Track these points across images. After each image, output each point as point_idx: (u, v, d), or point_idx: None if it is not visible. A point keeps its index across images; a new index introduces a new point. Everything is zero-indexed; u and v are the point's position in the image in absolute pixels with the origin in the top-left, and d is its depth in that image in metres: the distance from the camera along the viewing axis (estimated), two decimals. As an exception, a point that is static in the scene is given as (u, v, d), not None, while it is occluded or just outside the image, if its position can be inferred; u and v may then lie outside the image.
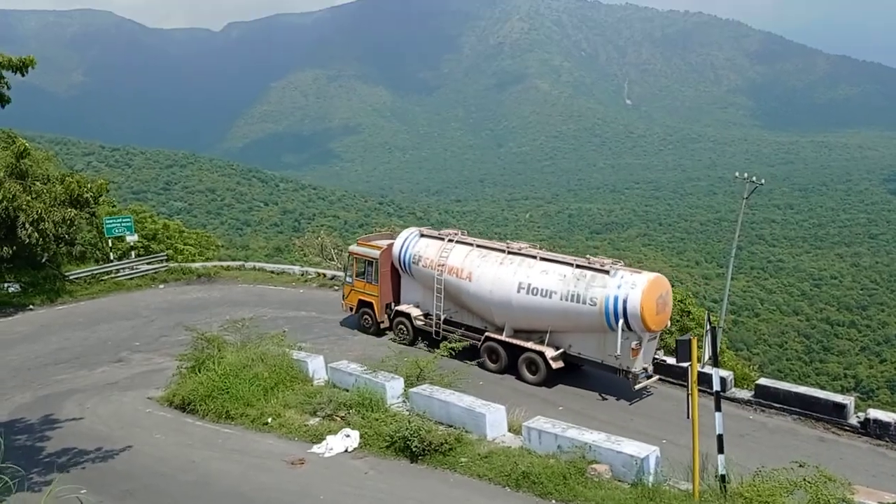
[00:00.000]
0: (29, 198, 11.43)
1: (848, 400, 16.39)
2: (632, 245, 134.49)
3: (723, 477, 11.22)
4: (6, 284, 28.79)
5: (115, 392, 18.44)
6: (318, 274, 31.91)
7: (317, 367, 17.88)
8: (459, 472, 12.91)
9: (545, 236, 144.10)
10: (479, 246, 21.36)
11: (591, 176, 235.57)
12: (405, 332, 22.65)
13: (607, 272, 18.40)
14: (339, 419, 15.17)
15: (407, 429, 13.61)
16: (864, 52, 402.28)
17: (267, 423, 15.38)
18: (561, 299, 18.67)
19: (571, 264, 19.23)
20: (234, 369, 16.51)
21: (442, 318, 21.70)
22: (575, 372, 19.55)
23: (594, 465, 12.16)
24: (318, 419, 15.36)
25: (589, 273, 18.69)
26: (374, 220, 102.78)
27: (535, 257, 20.03)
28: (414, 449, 13.38)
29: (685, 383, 11.79)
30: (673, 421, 15.32)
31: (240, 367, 16.61)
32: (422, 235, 22.50)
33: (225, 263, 35.33)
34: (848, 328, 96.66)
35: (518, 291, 19.48)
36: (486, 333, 20.56)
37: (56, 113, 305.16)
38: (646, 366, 18.69)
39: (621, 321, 17.72)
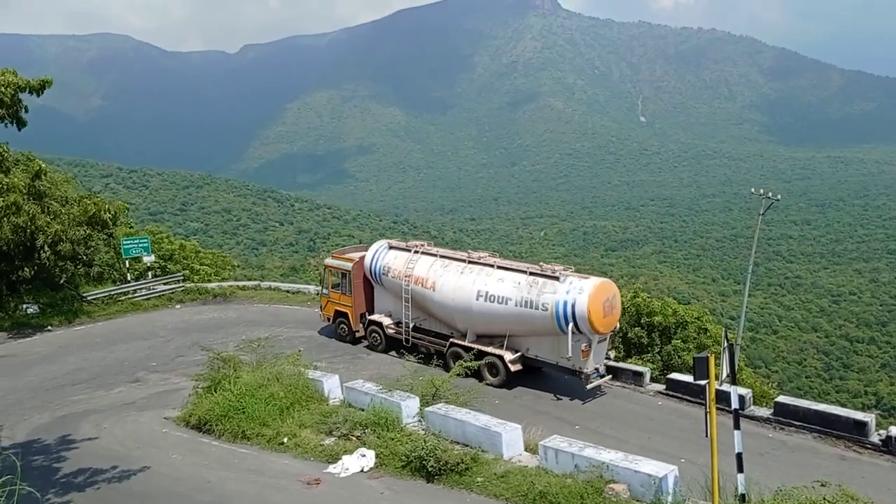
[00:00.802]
0: (48, 219, 11.58)
1: (869, 417, 16.14)
2: (647, 262, 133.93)
3: (743, 496, 11.06)
4: (25, 306, 29.08)
5: (132, 412, 18.51)
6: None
7: (332, 386, 17.87)
8: (476, 492, 12.82)
9: (560, 254, 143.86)
10: (442, 256, 22.48)
11: (606, 193, 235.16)
12: (378, 341, 23.74)
13: (557, 278, 19.44)
14: (354, 439, 15.13)
15: (423, 448, 13.54)
16: (878, 66, 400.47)
17: (283, 443, 15.37)
18: (516, 305, 19.76)
19: (525, 272, 20.24)
20: (250, 389, 16.54)
21: (411, 325, 22.72)
22: (535, 374, 20.48)
23: (612, 485, 12.03)
24: (333, 439, 15.32)
25: (541, 280, 19.68)
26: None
27: (492, 266, 21.08)
28: (430, 469, 13.31)
29: (702, 401, 11.67)
30: (691, 439, 15.15)
31: (256, 386, 16.63)
32: (390, 247, 23.62)
33: (241, 283, 35.51)
34: (868, 345, 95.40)
35: (477, 299, 20.58)
36: (451, 339, 21.60)
37: (75, 136, 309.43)
38: (597, 366, 19.70)
39: (571, 325, 18.71)
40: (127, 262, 33.25)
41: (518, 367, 20.14)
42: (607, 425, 17.21)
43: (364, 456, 14.24)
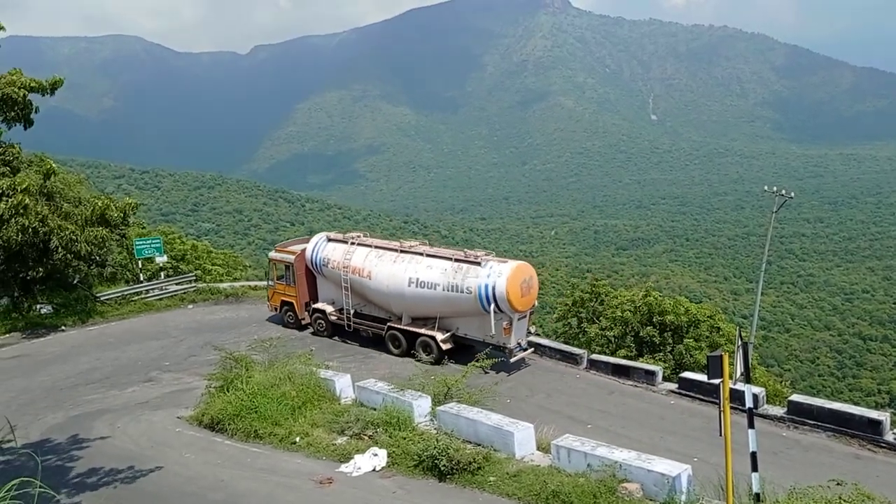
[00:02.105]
0: (60, 220, 11.62)
1: (883, 416, 16.00)
2: (658, 261, 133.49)
3: (757, 496, 10.98)
4: (38, 306, 29.23)
5: (146, 411, 18.59)
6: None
7: (344, 385, 17.89)
8: (488, 491, 12.79)
9: (571, 253, 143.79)
10: (376, 247, 24.09)
11: (617, 192, 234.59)
12: (323, 327, 25.35)
13: (479, 263, 21.28)
14: (366, 438, 15.13)
15: (435, 447, 13.52)
16: (891, 63, 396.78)
17: (295, 443, 15.39)
18: (444, 290, 21.62)
19: (451, 259, 22.10)
20: (262, 388, 16.58)
21: (351, 312, 24.36)
22: (467, 351, 21.93)
23: (625, 484, 11.97)
24: (345, 438, 15.33)
25: (465, 265, 21.55)
26: (400, 239, 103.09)
27: (422, 254, 22.86)
28: (442, 468, 13.29)
29: (715, 400, 11.60)
30: (704, 438, 15.07)
31: (268, 386, 16.67)
32: (329, 240, 25.02)
33: (252, 283, 35.58)
34: (881, 343, 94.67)
35: (409, 285, 22.33)
36: (389, 323, 23.31)
37: (88, 137, 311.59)
38: (519, 341, 21.78)
39: (492, 305, 20.70)
40: (140, 262, 33.39)
41: (449, 345, 22.04)
42: (619, 424, 17.14)
43: (376, 455, 14.23)
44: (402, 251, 23.34)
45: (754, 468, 11.03)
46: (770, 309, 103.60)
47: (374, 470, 13.93)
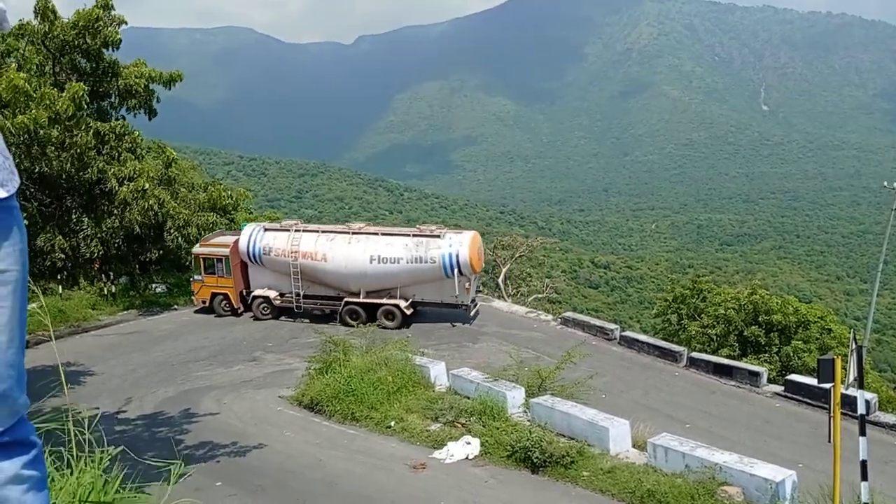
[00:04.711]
0: (175, 204, 12.32)
1: None
2: (766, 258, 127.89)
3: (867, 507, 10.41)
4: (154, 285, 30.95)
5: (250, 390, 19.36)
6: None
7: (438, 373, 18.09)
8: (581, 485, 12.65)
9: (672, 247, 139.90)
10: (324, 231, 25.90)
11: (723, 185, 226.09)
12: (267, 311, 26.70)
13: (439, 236, 24.36)
14: (460, 426, 15.24)
15: (528, 439, 13.47)
16: None
17: (390, 427, 15.67)
18: (407, 263, 24.26)
19: (409, 235, 24.84)
20: (360, 372, 16.96)
21: (301, 294, 25.83)
22: (421, 314, 25.43)
23: (725, 487, 11.59)
24: (439, 425, 15.49)
25: (425, 239, 24.39)
26: (495, 230, 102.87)
27: (377, 234, 25.35)
28: (535, 460, 13.23)
29: (823, 405, 11.06)
30: (809, 444, 14.40)
31: (365, 370, 17.04)
32: (266, 230, 26.21)
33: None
34: None
35: (371, 263, 24.51)
36: (346, 299, 25.31)
37: (200, 125, 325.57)
38: (473, 297, 25.47)
39: (456, 270, 23.85)
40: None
41: (411, 310, 25.01)
42: (720, 425, 16.60)
43: (469, 443, 14.32)
44: (354, 233, 25.36)
45: (864, 477, 10.46)
46: (885, 311, 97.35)
47: (466, 458, 14.02)
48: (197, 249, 26.98)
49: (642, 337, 23.61)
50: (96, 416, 3.43)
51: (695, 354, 21.27)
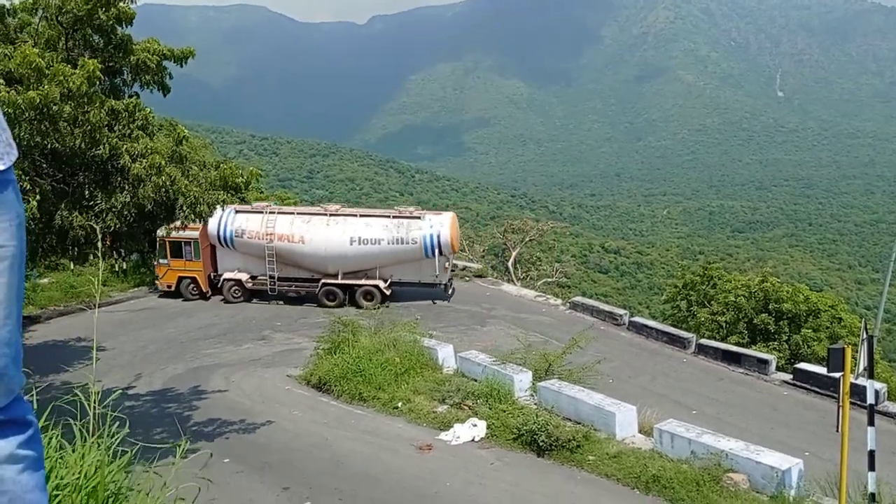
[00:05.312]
0: (186, 181, 12.32)
1: None
2: (777, 245, 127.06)
3: (872, 496, 10.39)
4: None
5: (258, 368, 19.50)
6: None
7: (446, 355, 18.14)
8: (587, 470, 12.69)
9: (683, 233, 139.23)
10: (299, 213, 26.05)
11: (736, 172, 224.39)
12: (239, 294, 26.70)
13: (420, 218, 25.06)
14: (466, 408, 15.30)
15: (534, 423, 13.51)
16: None
17: (397, 408, 15.75)
18: (388, 244, 24.77)
19: (389, 216, 25.42)
20: (368, 353, 17.04)
21: (276, 276, 25.90)
22: (399, 294, 25.76)
23: (730, 474, 11.59)
24: (446, 407, 15.56)
25: (406, 220, 24.98)
26: (506, 213, 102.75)
27: (355, 215, 25.79)
28: (541, 443, 13.27)
29: (832, 394, 11.03)
30: (817, 432, 14.37)
31: (373, 351, 17.12)
32: (237, 212, 25.74)
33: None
34: None
35: (351, 244, 24.81)
36: (323, 280, 25.51)
37: (212, 103, 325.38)
38: (450, 276, 26.29)
39: (437, 250, 24.55)
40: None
41: (390, 290, 25.42)
42: (727, 412, 16.60)
43: (475, 426, 14.37)
44: (331, 214, 25.59)
45: (871, 467, 10.44)
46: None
47: (472, 440, 14.09)
48: (162, 233, 27.10)
49: (651, 323, 23.59)
50: (108, 391, 3.44)
51: (703, 341, 21.24)
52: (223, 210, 26.56)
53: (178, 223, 13.66)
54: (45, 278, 27.36)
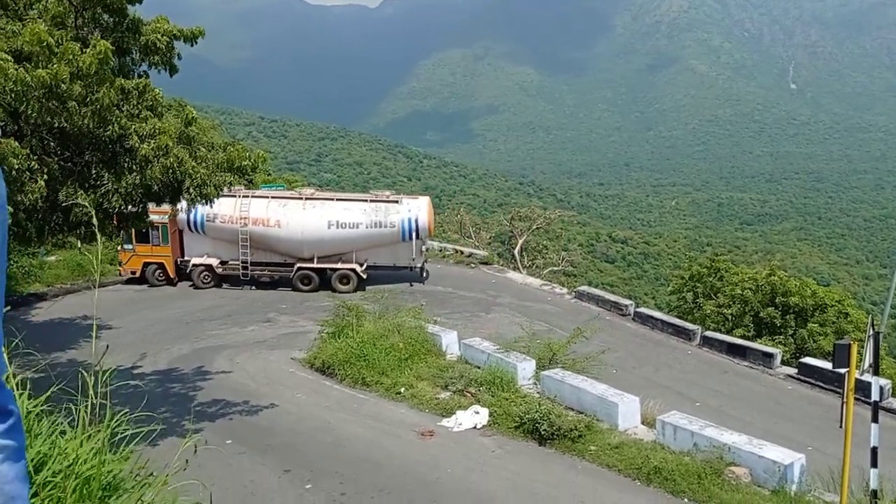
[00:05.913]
0: (194, 163, 12.26)
1: None
2: (786, 239, 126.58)
3: (874, 492, 10.37)
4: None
5: (263, 350, 19.56)
6: (456, 251, 32.30)
7: (450, 342, 18.15)
8: (588, 459, 12.70)
9: (691, 225, 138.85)
10: (274, 197, 25.87)
11: (746, 164, 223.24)
12: (209, 279, 26.40)
13: (397, 202, 25.40)
14: (469, 395, 15.32)
15: (537, 411, 13.52)
16: None
17: (400, 393, 15.78)
18: (366, 227, 24.95)
19: (367, 200, 25.60)
20: (372, 338, 17.07)
21: (249, 261, 25.70)
22: (373, 277, 25.83)
23: (732, 468, 11.59)
24: (448, 393, 15.58)
25: (384, 205, 25.23)
26: (514, 200, 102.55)
27: (332, 199, 25.89)
28: (543, 432, 13.28)
29: (837, 389, 10.98)
30: (821, 427, 14.34)
31: (377, 336, 17.15)
32: None
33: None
34: None
35: (329, 228, 24.89)
36: (298, 265, 25.47)
37: (222, 84, 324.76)
38: (424, 259, 26.81)
39: (414, 233, 25.00)
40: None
41: (366, 274, 25.47)
42: (731, 405, 16.58)
43: (478, 413, 14.39)
44: (307, 199, 25.60)
45: (874, 464, 10.42)
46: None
47: (474, 427, 14.11)
48: None
49: (657, 314, 23.53)
50: (112, 371, 3.41)
51: (709, 333, 21.20)
52: None
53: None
54: (53, 256, 27.44)
